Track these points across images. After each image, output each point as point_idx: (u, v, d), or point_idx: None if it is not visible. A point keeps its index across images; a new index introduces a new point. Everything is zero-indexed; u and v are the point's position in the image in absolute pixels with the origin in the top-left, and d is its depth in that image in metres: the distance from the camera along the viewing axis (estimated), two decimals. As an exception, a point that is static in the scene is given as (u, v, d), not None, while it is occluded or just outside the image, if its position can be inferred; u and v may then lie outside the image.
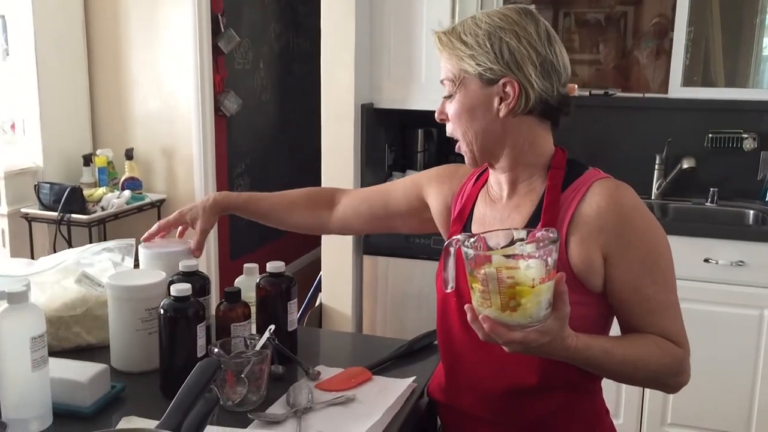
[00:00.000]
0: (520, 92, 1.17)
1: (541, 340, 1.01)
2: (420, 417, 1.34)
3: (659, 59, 3.68)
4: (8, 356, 1.12)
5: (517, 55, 1.16)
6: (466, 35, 1.18)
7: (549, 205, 1.20)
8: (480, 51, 1.17)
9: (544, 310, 1.01)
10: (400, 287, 3.02)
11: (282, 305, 1.42)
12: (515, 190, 1.26)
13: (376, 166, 3.15)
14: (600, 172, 1.24)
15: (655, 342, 1.15)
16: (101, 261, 1.55)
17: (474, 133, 1.22)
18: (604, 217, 1.16)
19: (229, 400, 1.23)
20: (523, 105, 1.18)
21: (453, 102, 1.22)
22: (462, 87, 1.20)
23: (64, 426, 1.16)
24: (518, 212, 1.24)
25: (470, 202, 1.34)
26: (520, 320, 1.00)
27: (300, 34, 5.12)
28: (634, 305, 1.18)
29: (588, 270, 1.17)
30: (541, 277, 0.98)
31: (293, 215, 1.59)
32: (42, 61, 3.48)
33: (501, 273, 0.97)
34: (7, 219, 3.41)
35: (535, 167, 1.24)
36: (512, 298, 0.98)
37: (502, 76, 1.17)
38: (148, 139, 3.78)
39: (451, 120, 1.24)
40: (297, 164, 5.03)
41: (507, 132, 1.21)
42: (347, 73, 2.92)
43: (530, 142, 1.23)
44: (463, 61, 1.18)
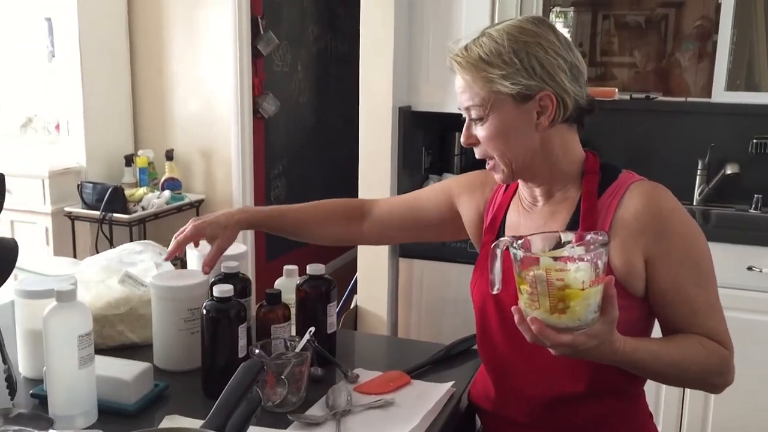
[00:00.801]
0: (558, 103, 1.15)
1: (589, 344, 1.01)
2: (459, 422, 1.33)
3: (701, 62, 3.62)
4: (56, 353, 1.15)
5: (548, 66, 1.14)
6: (489, 55, 1.15)
7: (587, 211, 1.19)
8: (511, 70, 1.14)
9: (593, 313, 1.00)
10: (436, 291, 3.01)
11: (321, 307, 1.43)
12: (550, 198, 1.26)
13: (413, 169, 3.15)
14: (634, 175, 1.23)
15: (701, 342, 1.15)
16: (143, 261, 1.58)
17: (513, 153, 1.19)
18: (642, 220, 1.15)
19: (269, 401, 1.24)
20: (562, 114, 1.17)
21: (486, 125, 1.18)
22: (494, 109, 1.16)
23: (108, 423, 1.18)
24: (554, 220, 1.23)
25: (501, 210, 1.33)
26: (569, 323, 0.99)
27: (338, 36, 5.15)
28: (677, 307, 1.17)
29: (630, 274, 1.16)
30: (591, 279, 0.97)
31: (324, 230, 1.54)
32: (86, 64, 3.55)
33: (550, 275, 0.97)
34: (51, 218, 3.49)
35: (568, 174, 1.23)
36: (561, 301, 0.98)
37: (538, 91, 1.15)
38: (188, 140, 3.84)
39: (484, 143, 1.20)
40: (333, 166, 5.06)
41: (543, 144, 1.20)
42: (385, 76, 2.93)
43: (564, 150, 1.22)
44: (493, 83, 1.15)
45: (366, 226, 1.53)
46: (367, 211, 1.53)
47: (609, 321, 1.01)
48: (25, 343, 1.35)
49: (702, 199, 3.09)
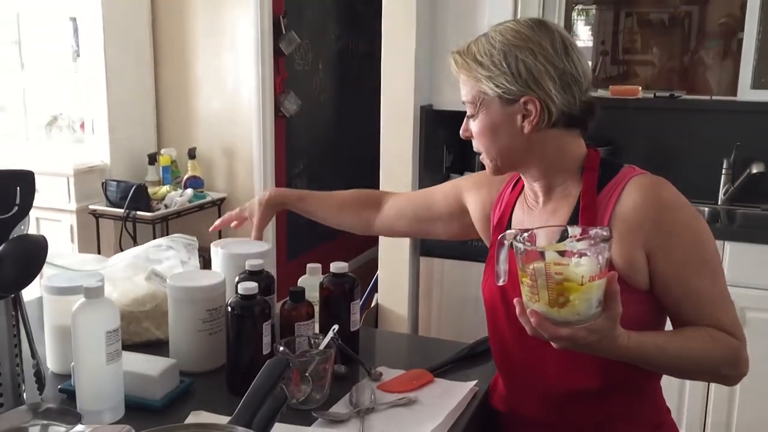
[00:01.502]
0: (542, 108, 1.16)
1: (590, 338, 1.01)
2: (482, 421, 1.33)
3: (725, 60, 3.59)
4: (84, 349, 1.17)
5: (534, 72, 1.15)
6: (482, 56, 1.18)
7: (585, 207, 1.19)
8: (497, 72, 1.16)
9: (594, 308, 1.00)
10: (457, 289, 3.01)
11: (345, 305, 1.44)
12: (551, 196, 1.26)
13: (434, 168, 3.15)
14: (635, 169, 1.22)
15: (709, 334, 1.13)
16: (169, 258, 1.60)
17: (498, 150, 1.22)
18: (641, 212, 1.15)
19: (293, 398, 1.25)
20: (546, 120, 1.17)
21: (476, 122, 1.22)
22: (483, 108, 1.20)
23: (134, 418, 1.19)
24: (555, 217, 1.24)
25: (508, 209, 1.34)
26: (568, 317, 1.00)
27: (359, 35, 5.15)
28: (683, 299, 1.16)
29: (631, 269, 1.15)
30: (592, 274, 0.97)
31: (342, 215, 1.64)
32: (111, 63, 3.59)
33: (550, 268, 0.98)
34: (76, 215, 3.53)
35: (568, 171, 1.24)
36: (561, 294, 0.99)
37: (521, 95, 1.16)
38: (210, 138, 3.87)
39: (475, 137, 1.24)
40: (354, 165, 5.07)
41: (533, 146, 1.20)
42: (407, 75, 2.93)
43: (558, 152, 1.22)
44: (481, 82, 1.18)
45: (380, 216, 1.60)
46: (384, 202, 1.61)
47: (611, 316, 1.01)
48: (53, 339, 1.37)
49: (727, 198, 3.05)
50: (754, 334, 1.18)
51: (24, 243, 1.16)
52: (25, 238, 1.17)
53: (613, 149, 3.08)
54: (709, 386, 2.64)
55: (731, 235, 2.56)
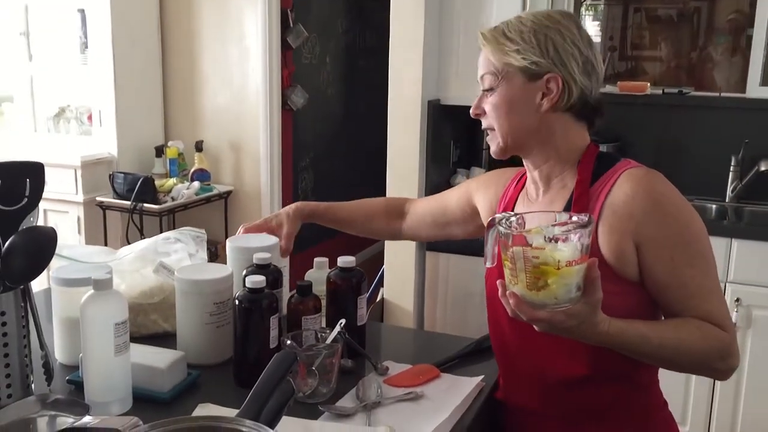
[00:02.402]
0: (563, 87, 1.20)
1: (568, 323, 1.03)
2: (488, 417, 1.33)
3: (734, 57, 3.57)
4: (93, 341, 1.17)
5: (561, 52, 1.19)
6: (511, 32, 1.21)
7: (577, 198, 1.21)
8: (526, 46, 1.20)
9: (573, 293, 1.01)
10: (462, 285, 3.01)
11: (352, 300, 1.44)
12: (549, 187, 1.28)
13: (441, 163, 3.15)
14: (630, 162, 1.23)
15: (696, 325, 1.14)
16: (177, 251, 1.60)
17: (510, 126, 1.24)
18: (632, 203, 1.16)
19: (300, 391, 1.25)
20: (565, 100, 1.20)
21: (493, 95, 1.24)
22: (504, 80, 1.22)
23: (142, 410, 1.19)
24: (552, 208, 1.26)
25: (511, 203, 1.37)
26: (546, 300, 1.01)
27: (366, 29, 5.15)
28: (671, 290, 1.16)
29: (620, 260, 1.16)
30: (569, 259, 0.99)
31: (370, 226, 1.68)
32: (118, 55, 3.60)
33: (527, 252, 0.99)
34: (83, 207, 3.54)
35: (566, 163, 1.26)
36: (538, 278, 1.00)
37: (546, 71, 1.19)
38: (217, 131, 3.87)
39: (489, 113, 1.26)
40: (361, 159, 5.07)
41: (542, 127, 1.23)
42: (415, 69, 2.93)
43: (563, 138, 1.25)
44: (508, 55, 1.21)
45: (404, 224, 1.66)
46: (406, 210, 1.66)
47: (591, 302, 1.02)
48: (62, 330, 1.38)
49: (735, 196, 3.05)
50: (760, 332, 1.17)
51: (33, 234, 1.17)
52: (34, 230, 1.17)
53: (621, 145, 3.07)
54: (714, 383, 2.64)
55: (739, 233, 2.55)
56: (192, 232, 1.64)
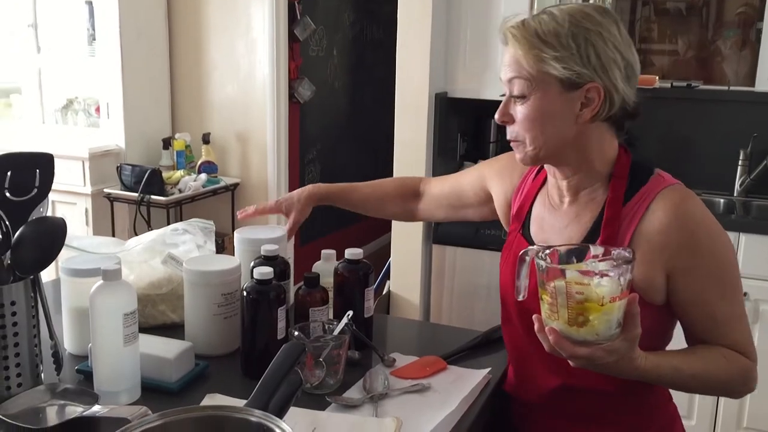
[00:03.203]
0: (605, 98, 1.11)
1: (607, 359, 1.01)
2: (495, 408, 1.34)
3: (743, 50, 3.55)
4: (102, 331, 1.18)
5: (603, 58, 1.10)
6: (546, 34, 1.10)
7: (609, 219, 1.16)
8: (566, 53, 1.09)
9: (614, 329, 1.00)
10: (469, 277, 3.01)
11: (359, 292, 1.44)
12: (576, 198, 1.22)
13: (448, 156, 3.14)
14: (665, 178, 1.18)
15: (723, 354, 1.14)
16: (185, 242, 1.61)
17: (545, 138, 1.15)
18: (667, 233, 1.12)
19: (307, 382, 1.25)
20: (606, 110, 1.12)
21: (526, 104, 1.14)
22: (539, 89, 1.12)
23: (151, 400, 1.20)
24: (577, 222, 1.21)
25: (528, 200, 1.32)
26: (587, 336, 1.00)
27: (373, 22, 5.14)
28: (699, 319, 1.16)
29: (649, 287, 1.14)
30: (613, 295, 0.97)
31: (386, 206, 1.65)
32: (126, 47, 3.60)
33: (571, 287, 0.97)
34: (91, 198, 3.56)
35: (598, 174, 1.20)
36: (580, 314, 0.98)
37: (587, 81, 1.10)
38: (224, 124, 3.87)
39: (520, 122, 1.16)
40: (368, 152, 5.07)
41: (579, 137, 1.15)
42: (422, 62, 2.92)
43: (598, 149, 1.18)
44: (545, 62, 1.10)
45: (420, 206, 1.62)
46: (421, 191, 1.63)
47: (630, 338, 1.01)
48: (71, 320, 1.39)
49: (743, 190, 3.03)
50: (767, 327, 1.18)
51: (43, 225, 1.17)
52: (44, 221, 1.18)
53: (629, 138, 3.06)
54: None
55: (746, 227, 2.54)
56: (200, 224, 1.65)
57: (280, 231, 1.57)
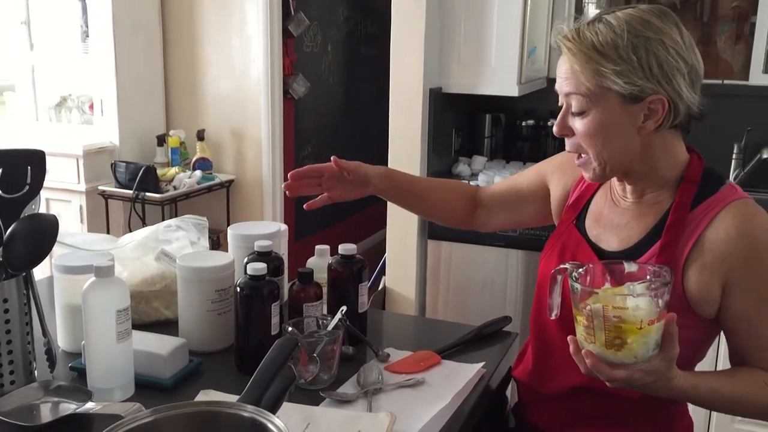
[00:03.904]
0: (669, 108, 1.07)
1: (645, 380, 1.00)
2: (489, 403, 1.34)
3: (738, 44, 3.55)
4: (95, 328, 1.18)
5: (666, 68, 1.05)
6: (605, 47, 1.05)
7: (674, 223, 1.12)
8: (626, 66, 1.05)
9: (652, 350, 0.99)
10: (464, 273, 3.01)
11: (353, 287, 1.44)
12: (641, 199, 1.20)
13: (442, 151, 3.14)
14: (736, 191, 1.14)
15: (765, 380, 1.11)
16: (179, 239, 1.60)
17: (610, 153, 1.11)
18: (731, 245, 1.08)
19: (301, 378, 1.26)
20: (671, 119, 1.09)
21: (586, 119, 1.10)
22: (598, 104, 1.08)
23: (145, 396, 1.20)
24: (639, 222, 1.18)
25: (589, 192, 1.29)
26: (625, 359, 0.99)
27: (368, 17, 5.13)
28: (746, 338, 1.13)
29: (704, 299, 1.12)
30: (651, 318, 0.96)
31: (452, 202, 1.53)
32: (120, 43, 3.59)
33: (608, 311, 0.96)
34: (85, 196, 3.55)
35: (666, 179, 1.16)
36: (618, 337, 0.97)
37: (650, 94, 1.06)
38: (219, 120, 3.87)
39: (581, 138, 1.12)
40: (362, 147, 5.06)
41: (644, 148, 1.12)
42: (416, 57, 2.91)
43: (665, 156, 1.15)
44: (604, 77, 1.06)
45: (478, 210, 1.53)
46: (478, 195, 1.53)
47: (668, 358, 1.00)
48: (64, 317, 1.38)
49: (737, 183, 3.03)
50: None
51: (35, 222, 1.17)
52: (36, 217, 1.18)
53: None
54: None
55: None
56: (194, 220, 1.64)
57: (275, 227, 1.57)
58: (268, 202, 3.88)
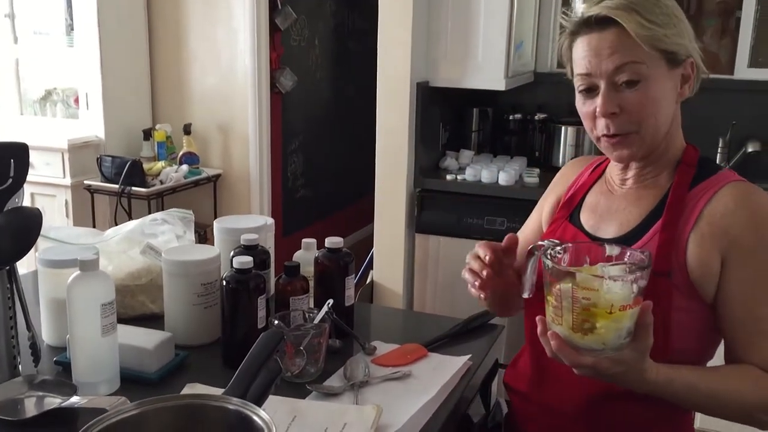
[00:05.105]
0: (697, 71, 1.10)
1: (614, 369, 0.96)
2: (474, 395, 1.34)
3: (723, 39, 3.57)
4: (80, 322, 1.17)
5: (686, 27, 1.08)
6: (650, 12, 1.06)
7: (674, 202, 1.12)
8: (674, 29, 1.07)
9: (623, 338, 0.94)
10: (451, 266, 3.02)
11: (340, 280, 1.44)
12: (639, 182, 1.19)
13: (430, 145, 3.14)
14: (734, 174, 1.15)
15: (750, 375, 1.06)
16: (164, 233, 1.60)
17: (659, 124, 1.11)
18: (731, 218, 1.07)
19: (288, 371, 1.25)
20: (697, 85, 1.11)
21: (641, 90, 1.08)
22: (652, 69, 1.07)
23: (130, 390, 1.19)
24: (637, 205, 1.17)
25: (583, 189, 1.28)
26: (593, 345, 0.94)
27: (355, 11, 5.11)
28: (740, 323, 1.08)
29: (704, 275, 1.08)
30: (623, 303, 0.91)
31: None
32: (105, 37, 3.56)
33: (577, 292, 0.91)
34: (71, 190, 3.52)
35: (667, 160, 1.17)
36: (586, 320, 0.92)
37: (686, 55, 1.09)
38: (206, 114, 3.85)
39: (637, 109, 1.09)
40: (350, 142, 5.05)
41: (674, 119, 1.14)
42: (404, 51, 2.91)
43: (677, 133, 1.16)
44: (659, 40, 1.06)
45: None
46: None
47: (640, 349, 0.95)
48: (49, 312, 1.37)
49: (722, 177, 3.06)
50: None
51: (18, 215, 1.16)
52: (19, 211, 1.17)
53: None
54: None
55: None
56: (179, 213, 1.64)
57: (261, 220, 1.57)
58: (256, 197, 3.87)
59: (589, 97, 1.14)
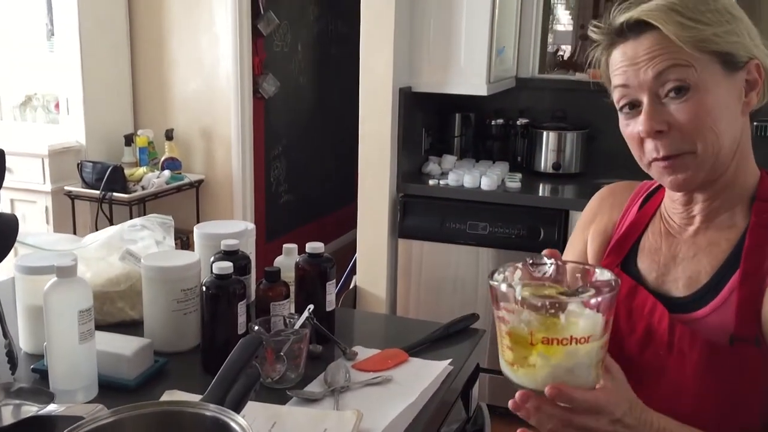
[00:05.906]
0: (766, 74, 0.91)
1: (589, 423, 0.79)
2: (455, 399, 1.35)
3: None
4: (57, 328, 1.16)
5: (751, 28, 0.91)
6: (693, 11, 0.89)
7: (752, 248, 0.92)
8: (725, 27, 0.89)
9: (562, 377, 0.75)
10: (435, 271, 3.03)
11: (320, 285, 1.44)
12: (710, 224, 0.99)
13: (412, 150, 3.15)
14: None
15: None
16: (144, 238, 1.59)
17: (722, 139, 0.90)
18: None
19: (268, 377, 1.25)
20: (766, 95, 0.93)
21: (691, 101, 0.89)
22: (703, 74, 0.88)
23: (108, 398, 1.18)
24: (709, 253, 0.98)
25: (637, 231, 1.06)
26: (525, 382, 0.77)
27: (338, 16, 5.12)
28: None
29: None
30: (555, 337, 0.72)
31: None
32: (86, 41, 3.54)
33: (500, 312, 0.77)
34: (51, 196, 3.49)
35: (740, 193, 0.97)
36: (510, 349, 0.77)
37: (748, 58, 0.90)
38: (188, 120, 3.83)
39: (689, 124, 0.90)
40: (333, 147, 5.05)
41: (742, 135, 0.94)
42: (386, 56, 2.92)
43: (746, 156, 0.96)
44: (707, 41, 0.88)
45: None
46: None
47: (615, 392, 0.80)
48: (26, 319, 1.36)
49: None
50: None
51: (-6, 221, 1.15)
52: (-5, 217, 1.15)
53: (591, 132, 3.09)
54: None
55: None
56: (159, 219, 1.63)
57: (242, 226, 1.56)
58: (238, 202, 3.85)
59: (632, 116, 0.95)
